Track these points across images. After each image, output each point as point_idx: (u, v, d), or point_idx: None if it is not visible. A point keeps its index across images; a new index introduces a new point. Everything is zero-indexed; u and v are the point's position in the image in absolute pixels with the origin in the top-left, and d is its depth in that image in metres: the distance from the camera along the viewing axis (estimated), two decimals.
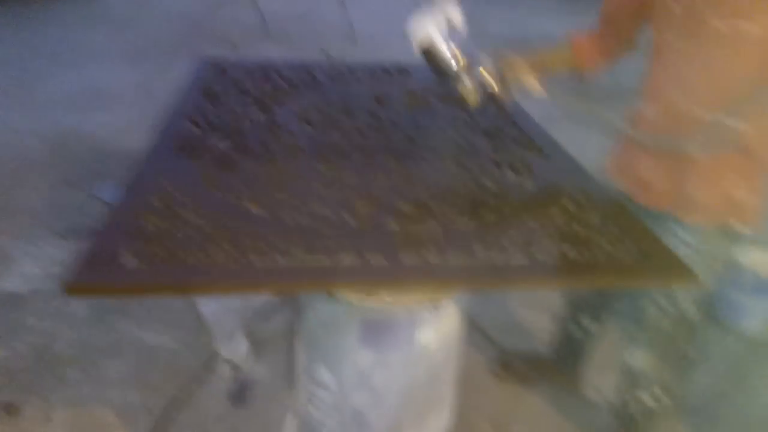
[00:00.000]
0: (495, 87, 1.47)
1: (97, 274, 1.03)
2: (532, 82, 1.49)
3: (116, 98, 4.53)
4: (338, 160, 1.51)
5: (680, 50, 1.42)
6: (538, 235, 1.22)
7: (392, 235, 1.20)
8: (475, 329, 2.42)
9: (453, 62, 1.42)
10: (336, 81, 2.09)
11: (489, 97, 1.49)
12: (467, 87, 1.46)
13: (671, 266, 1.18)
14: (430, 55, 1.41)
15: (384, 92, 2.00)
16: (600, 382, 2.17)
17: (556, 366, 2.17)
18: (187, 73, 2.11)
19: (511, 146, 1.66)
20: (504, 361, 2.26)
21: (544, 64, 1.57)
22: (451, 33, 1.41)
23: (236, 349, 2.19)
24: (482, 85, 1.47)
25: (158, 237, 1.13)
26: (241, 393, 2.09)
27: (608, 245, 1.21)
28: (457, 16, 1.42)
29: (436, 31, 1.39)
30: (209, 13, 7.32)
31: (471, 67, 1.44)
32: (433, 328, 1.31)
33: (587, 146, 2.05)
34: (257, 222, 1.21)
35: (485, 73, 1.46)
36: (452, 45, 1.41)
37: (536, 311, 2.54)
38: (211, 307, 2.19)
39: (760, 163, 1.43)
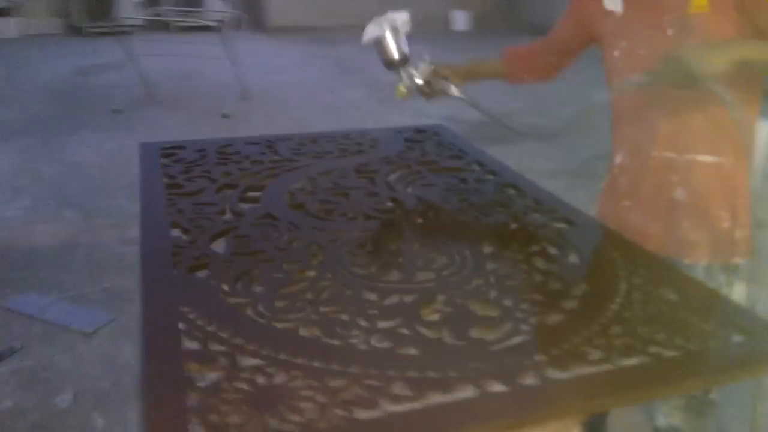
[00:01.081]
0: (422, 86, 1.72)
1: None
2: (454, 87, 1.73)
3: (1, 186, 4.01)
4: (366, 256, 1.31)
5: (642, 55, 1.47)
6: (632, 323, 1.09)
7: (487, 348, 1.02)
8: None
9: (396, 55, 1.66)
10: (303, 155, 1.90)
11: (418, 93, 1.74)
12: (402, 81, 1.71)
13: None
14: (378, 46, 1.65)
15: (363, 163, 1.84)
16: None
17: None
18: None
19: (533, 217, 1.54)
20: None
21: (474, 72, 1.85)
22: (400, 35, 1.65)
23: None
24: (413, 82, 1.71)
25: (218, 394, 0.89)
26: None
27: (703, 324, 1.10)
28: (406, 22, 1.66)
29: (387, 28, 1.62)
30: (80, 80, 6.82)
31: (409, 66, 1.69)
32: None
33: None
34: (328, 352, 0.99)
35: (416, 72, 1.71)
36: (400, 44, 1.65)
37: None
38: None
39: (740, 195, 1.45)
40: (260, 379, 0.92)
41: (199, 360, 0.96)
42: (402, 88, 1.74)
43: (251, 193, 1.63)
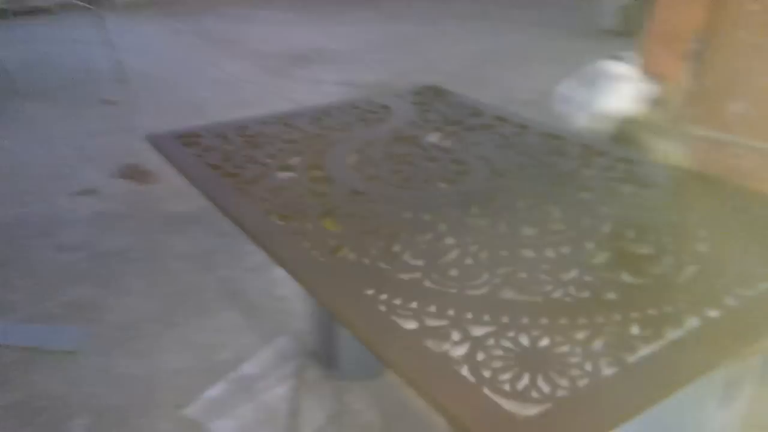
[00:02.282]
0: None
1: None
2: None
3: None
4: (487, 216, 1.33)
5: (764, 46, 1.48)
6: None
7: (671, 282, 1.10)
8: None
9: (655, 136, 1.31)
10: (328, 129, 1.84)
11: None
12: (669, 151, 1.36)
13: None
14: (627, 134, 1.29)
15: (394, 128, 1.83)
16: None
17: None
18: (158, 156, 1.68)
19: (598, 161, 1.63)
20: None
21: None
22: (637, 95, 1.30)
23: None
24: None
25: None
26: None
27: None
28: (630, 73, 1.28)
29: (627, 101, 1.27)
30: None
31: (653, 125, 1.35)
32: None
33: None
34: (532, 308, 1.01)
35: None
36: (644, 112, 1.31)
37: None
38: None
39: None
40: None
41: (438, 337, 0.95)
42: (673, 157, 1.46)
43: (315, 173, 1.57)
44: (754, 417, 1.41)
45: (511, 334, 0.95)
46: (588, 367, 0.87)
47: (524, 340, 0.94)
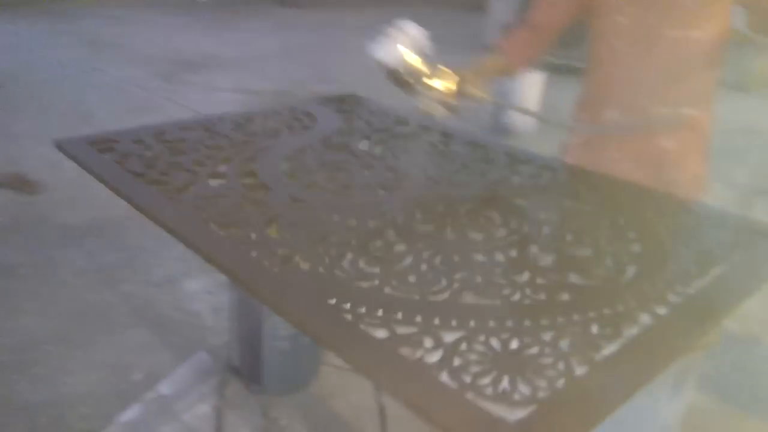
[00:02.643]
0: (454, 101, 1.59)
1: None
2: (482, 93, 1.64)
3: None
4: (428, 222, 1.34)
5: (633, 56, 1.61)
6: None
7: (616, 283, 1.15)
8: None
9: (418, 82, 1.55)
10: (255, 135, 1.79)
11: (446, 109, 1.60)
12: (432, 103, 1.58)
13: None
14: (396, 77, 1.53)
15: (326, 137, 1.80)
16: None
17: None
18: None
19: (523, 169, 1.68)
20: None
21: (483, 71, 1.73)
22: (414, 50, 1.54)
23: None
24: (442, 99, 1.58)
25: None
26: None
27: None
28: (417, 33, 1.55)
29: (401, 52, 1.52)
30: None
31: (430, 80, 1.56)
32: None
33: None
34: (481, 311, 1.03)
35: (445, 88, 1.58)
36: (415, 62, 1.54)
37: None
38: None
39: (707, 141, 1.73)
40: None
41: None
42: (427, 107, 1.59)
43: (249, 180, 1.51)
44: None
45: (481, 338, 0.95)
46: (561, 366, 0.89)
47: (495, 344, 0.94)
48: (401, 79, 1.56)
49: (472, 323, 0.99)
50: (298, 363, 2.08)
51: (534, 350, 0.93)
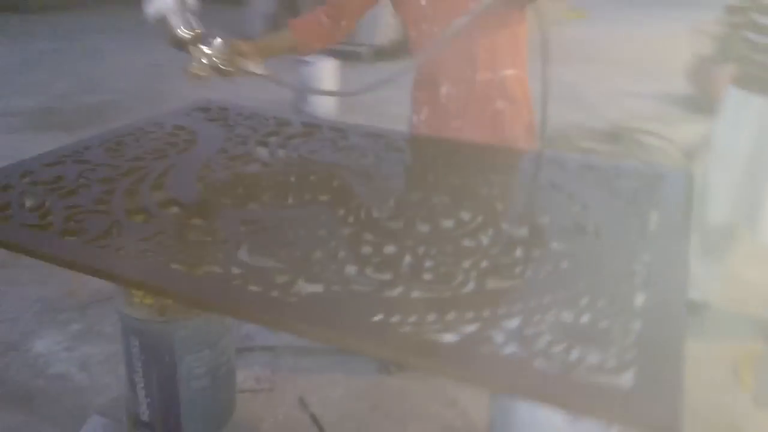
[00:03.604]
0: (224, 64, 1.60)
1: None
2: (255, 63, 1.67)
3: None
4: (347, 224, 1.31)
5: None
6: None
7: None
8: None
9: (187, 31, 1.53)
10: (142, 158, 1.58)
11: (217, 73, 1.61)
12: (199, 61, 1.57)
13: None
14: (164, 24, 1.50)
15: (220, 150, 1.66)
16: None
17: None
18: None
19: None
20: None
21: (269, 47, 1.80)
22: (185, 7, 1.52)
23: None
24: (212, 61, 1.58)
25: None
26: None
27: None
28: None
29: (173, 2, 1.48)
30: None
31: (202, 42, 1.56)
32: None
33: None
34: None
35: (211, 50, 1.58)
36: (189, 19, 1.53)
37: None
38: None
39: (529, 94, 1.85)
40: None
41: None
42: (196, 69, 1.58)
43: (174, 209, 1.34)
44: None
45: (537, 317, 0.97)
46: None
47: (563, 317, 0.96)
48: (176, 38, 1.52)
49: (521, 305, 1.00)
50: (219, 398, 1.91)
51: (602, 321, 0.97)
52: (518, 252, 1.17)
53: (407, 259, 1.15)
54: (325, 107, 4.80)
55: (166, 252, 1.14)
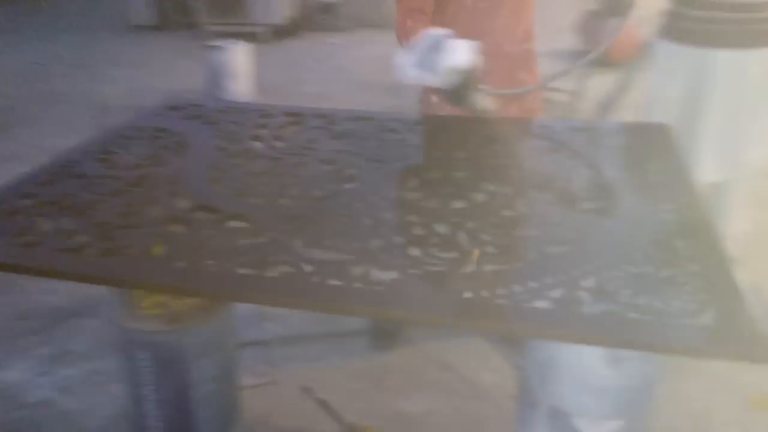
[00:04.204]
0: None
1: None
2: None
3: None
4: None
5: (485, 8, 1.82)
6: None
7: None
8: None
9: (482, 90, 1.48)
10: (123, 164, 1.53)
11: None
12: (484, 105, 1.52)
13: None
14: (464, 79, 1.43)
15: (219, 147, 1.63)
16: None
17: None
18: None
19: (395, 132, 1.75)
20: None
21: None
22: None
23: None
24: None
25: None
26: None
27: None
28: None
29: (470, 55, 1.41)
30: None
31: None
32: None
33: None
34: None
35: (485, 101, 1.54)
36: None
37: None
38: None
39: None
40: None
41: None
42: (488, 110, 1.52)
43: (208, 215, 1.31)
44: None
45: (608, 272, 1.06)
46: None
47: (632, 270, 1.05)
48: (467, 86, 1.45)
49: (588, 266, 1.08)
50: (228, 399, 1.89)
51: (664, 270, 1.07)
52: (557, 216, 1.25)
53: (462, 235, 1.20)
54: (241, 93, 4.69)
55: (226, 258, 1.13)
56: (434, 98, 1.92)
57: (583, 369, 1.30)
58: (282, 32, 6.96)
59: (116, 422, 1.92)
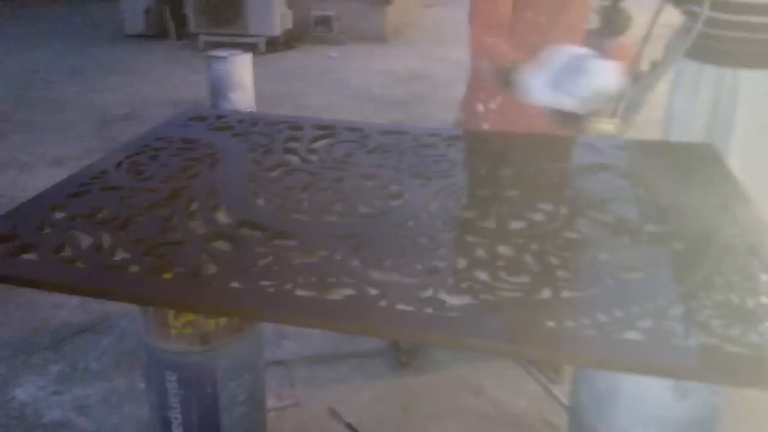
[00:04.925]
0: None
1: None
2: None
3: None
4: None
5: (548, 23, 1.79)
6: None
7: None
8: None
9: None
10: (157, 178, 1.45)
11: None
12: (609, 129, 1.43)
13: None
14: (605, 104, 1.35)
15: (253, 160, 1.56)
16: None
17: None
18: None
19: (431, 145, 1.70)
20: None
21: None
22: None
23: None
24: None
25: None
26: None
27: None
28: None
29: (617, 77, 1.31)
30: None
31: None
32: None
33: None
34: None
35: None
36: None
37: None
38: None
39: None
40: None
41: None
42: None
43: (257, 233, 1.24)
44: None
45: (694, 301, 1.00)
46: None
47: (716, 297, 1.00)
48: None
49: (671, 293, 1.02)
50: (257, 421, 1.81)
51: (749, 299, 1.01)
52: (626, 240, 1.20)
53: (528, 258, 1.14)
54: (243, 103, 4.61)
55: (282, 279, 1.06)
56: (486, 107, 1.87)
57: (647, 400, 1.24)
58: (278, 44, 6.89)
59: None
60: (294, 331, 2.19)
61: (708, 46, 2.47)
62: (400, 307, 0.99)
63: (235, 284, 1.05)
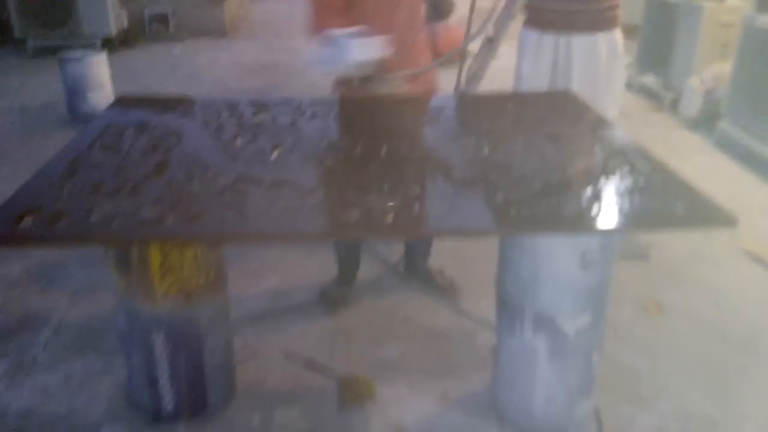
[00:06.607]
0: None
1: None
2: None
3: None
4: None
5: (386, 6, 2.15)
6: None
7: None
8: None
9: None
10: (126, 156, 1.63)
11: None
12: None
13: None
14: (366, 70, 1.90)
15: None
16: None
17: None
18: None
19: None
20: None
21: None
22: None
23: None
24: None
25: None
26: None
27: None
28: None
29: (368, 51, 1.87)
30: None
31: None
32: None
33: None
34: None
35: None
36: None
37: None
38: None
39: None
40: None
41: None
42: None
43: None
44: None
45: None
46: None
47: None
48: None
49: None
50: (232, 368, 2.01)
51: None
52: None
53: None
54: (103, 102, 4.55)
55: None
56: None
57: (561, 276, 1.66)
58: (115, 44, 6.71)
59: (119, 412, 1.94)
60: (234, 295, 2.39)
61: (545, 18, 2.99)
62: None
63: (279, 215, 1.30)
